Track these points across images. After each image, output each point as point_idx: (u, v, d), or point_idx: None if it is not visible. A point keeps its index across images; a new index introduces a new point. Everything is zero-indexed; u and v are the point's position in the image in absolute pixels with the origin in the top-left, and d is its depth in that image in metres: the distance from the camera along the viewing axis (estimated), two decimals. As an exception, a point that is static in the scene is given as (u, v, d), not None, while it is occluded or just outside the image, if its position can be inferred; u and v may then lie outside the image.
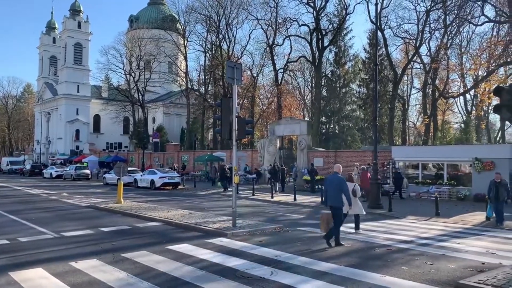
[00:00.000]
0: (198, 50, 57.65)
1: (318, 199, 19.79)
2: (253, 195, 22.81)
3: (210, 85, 53.36)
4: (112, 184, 30.52)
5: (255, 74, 49.77)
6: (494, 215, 13.92)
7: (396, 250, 9.64)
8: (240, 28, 71.24)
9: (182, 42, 54.52)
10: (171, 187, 28.91)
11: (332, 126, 53.62)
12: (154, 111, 67.36)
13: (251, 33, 70.89)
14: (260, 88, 55.22)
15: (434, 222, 14.20)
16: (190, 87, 53.48)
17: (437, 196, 16.68)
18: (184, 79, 54.63)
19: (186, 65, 53.83)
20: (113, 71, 60.66)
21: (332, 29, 44.65)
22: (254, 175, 31.48)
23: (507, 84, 8.67)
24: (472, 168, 20.63)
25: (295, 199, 20.38)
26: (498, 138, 49.43)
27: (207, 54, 51.97)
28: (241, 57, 48.94)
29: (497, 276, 7.09)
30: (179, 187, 29.33)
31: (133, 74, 56.45)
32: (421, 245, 10.25)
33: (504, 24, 31.84)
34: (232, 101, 12.31)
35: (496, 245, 10.38)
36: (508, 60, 28.77)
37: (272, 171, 26.34)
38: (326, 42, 43.90)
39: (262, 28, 46.19)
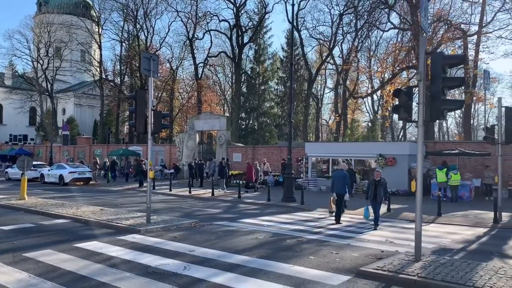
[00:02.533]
0: (114, 39, 55.25)
1: (235, 194, 20.07)
2: (170, 190, 22.47)
3: (126, 76, 51.32)
4: (16, 179, 28.19)
5: (174, 67, 48.87)
6: (370, 216, 12.86)
7: (306, 241, 10.15)
8: (159, 19, 69.46)
9: (97, 30, 51.72)
10: (81, 183, 27.41)
11: (251, 122, 54.49)
12: (64, 102, 63.15)
13: (170, 24, 69.10)
14: (180, 82, 54.32)
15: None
16: (104, 77, 50.95)
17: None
18: (98, 69, 51.85)
19: (101, 54, 51.24)
20: (18, 57, 55.80)
21: (252, 26, 45.28)
22: (172, 170, 30.98)
23: (405, 87, 9.50)
24: (377, 164, 22.26)
25: (213, 194, 20.46)
26: (400, 136, 53.77)
27: (124, 44, 49.92)
28: (159, 48, 47.73)
29: (393, 262, 7.79)
30: (91, 182, 27.93)
31: (41, 62, 52.36)
32: (329, 235, 10.90)
33: (407, 31, 34.66)
34: (148, 93, 12.01)
35: (394, 234, 11.36)
36: (410, 64, 31.36)
37: (190, 166, 26.19)
38: (246, 39, 44.44)
39: (182, 21, 45.42)
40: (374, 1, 34.78)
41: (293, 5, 21.07)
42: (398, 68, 32.94)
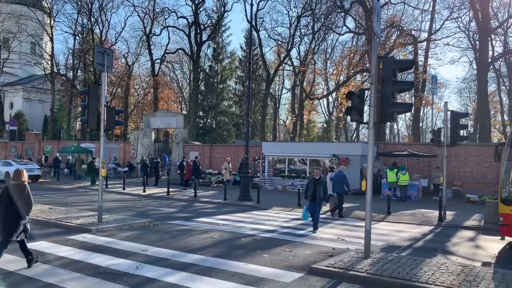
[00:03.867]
0: (67, 32, 53.34)
1: (192, 193, 19.91)
2: (124, 189, 21.94)
3: (79, 71, 49.58)
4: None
5: (130, 63, 47.74)
6: (309, 218, 11.78)
7: (260, 239, 10.26)
8: (115, 13, 67.35)
9: (48, 21, 49.51)
10: (30, 181, 26.14)
11: (209, 120, 54.16)
12: (12, 96, 60.01)
13: (127, 19, 67.87)
14: (136, 78, 53.14)
15: (296, 212, 15.36)
16: (56, 71, 48.92)
17: (300, 188, 18.09)
18: (49, 62, 49.71)
19: (52, 47, 49.11)
20: (-38, 47, 52.40)
21: (210, 24, 45.06)
22: (126, 168, 30.26)
23: (357, 89, 9.81)
24: (330, 164, 22.76)
25: (168, 193, 20.19)
26: (353, 137, 55.34)
27: (77, 37, 48.19)
28: (115, 43, 46.51)
29: (344, 259, 8.02)
30: (40, 180, 26.75)
31: (-14, 52, 49.53)
32: (283, 233, 11.07)
33: (362, 35, 35.71)
34: (101, 88, 11.68)
35: (346, 232, 11.70)
36: (364, 68, 32.33)
37: (144, 164, 25.71)
38: (204, 37, 44.19)
39: (139, 16, 44.49)
40: (331, 5, 35.60)
41: (251, 5, 21.18)
42: (352, 71, 33.86)
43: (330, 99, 52.43)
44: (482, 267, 7.70)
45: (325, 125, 52.72)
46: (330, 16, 37.07)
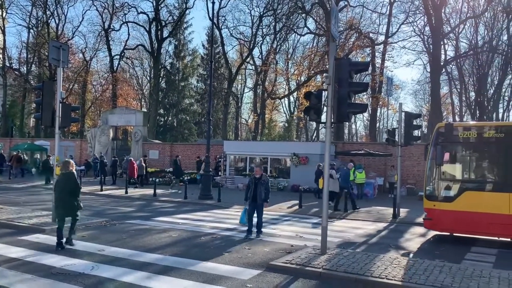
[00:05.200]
0: (20, 25, 50.86)
1: (151, 192, 19.62)
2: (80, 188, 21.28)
3: (33, 65, 47.58)
4: None
5: (88, 58, 46.35)
6: (247, 222, 10.54)
7: (220, 238, 10.30)
8: (73, 6, 64.81)
9: (0, 13, 47.21)
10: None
11: (170, 118, 53.49)
12: (-42, 90, 56.76)
13: (84, 13, 65.72)
14: (94, 74, 51.62)
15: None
16: (8, 65, 46.71)
17: (261, 187, 18.23)
18: (0, 56, 47.41)
19: (4, 40, 46.79)
20: None
21: (172, 21, 44.45)
22: (83, 167, 29.39)
23: (315, 90, 10.06)
24: (291, 162, 23.14)
25: (126, 192, 19.81)
26: (314, 137, 56.25)
27: (32, 30, 46.25)
28: (72, 37, 45.00)
29: (301, 256, 8.20)
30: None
31: None
32: (243, 231, 11.11)
33: (322, 37, 36.36)
34: (56, 84, 11.32)
35: (303, 229, 11.94)
36: (324, 69, 32.94)
37: (102, 163, 25.09)
38: (165, 34, 43.56)
39: (97, 10, 43.20)
40: (292, 6, 36.03)
41: (213, 2, 21.10)
42: (313, 72, 34.45)
43: (291, 98, 53.04)
44: (430, 261, 8.09)
45: (286, 124, 53.30)
46: (291, 17, 37.56)
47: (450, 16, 36.74)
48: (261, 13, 39.01)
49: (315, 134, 55.69)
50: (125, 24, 44.21)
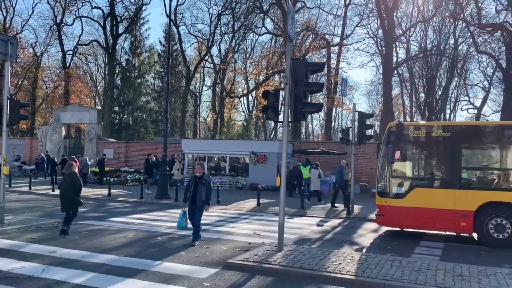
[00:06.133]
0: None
1: (106, 191, 19.11)
2: (30, 188, 20.44)
3: (-22, 60, 44.99)
4: None
5: (38, 53, 44.39)
6: (189, 225, 9.70)
7: (177, 237, 10.20)
8: (22, -2, 61.81)
9: None
10: None
11: (125, 116, 52.20)
12: None
13: (34, 6, 62.22)
14: (45, 70, 49.54)
15: (215, 209, 15.47)
16: (-51, 59, 43.94)
17: (219, 186, 18.26)
18: None
19: None
20: None
21: (128, 17, 43.39)
22: (33, 166, 28.14)
23: (273, 89, 10.17)
24: (249, 161, 23.26)
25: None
26: (272, 136, 56.80)
27: (-24, 23, 43.69)
28: (21, 31, 42.99)
29: (258, 253, 8.29)
30: None
31: None
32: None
33: (280, 37, 36.77)
34: (3, 80, 10.79)
35: (262, 227, 12.06)
36: (282, 69, 33.31)
37: (52, 162, 24.15)
38: (121, 29, 42.45)
39: (48, 3, 41.46)
40: (250, 5, 36.19)
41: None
42: (271, 71, 34.78)
43: (250, 97, 53.32)
44: (382, 255, 8.41)
45: (245, 123, 53.49)
46: (249, 16, 37.71)
47: (401, 20, 38.27)
48: (219, 12, 38.90)
49: (273, 133, 56.22)
50: (79, 18, 42.75)
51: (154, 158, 22.64)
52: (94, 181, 24.90)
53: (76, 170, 10.46)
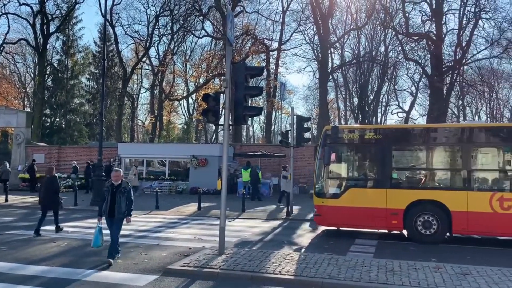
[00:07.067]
0: None
1: (37, 199, 17.98)
2: None
3: None
4: None
5: (-43, 51, 40.92)
6: (103, 244, 8.41)
7: (114, 245, 9.83)
8: None
9: None
10: None
11: (57, 119, 49.49)
12: None
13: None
14: (-34, 69, 45.80)
15: (154, 215, 15.17)
16: None
17: (158, 190, 17.90)
18: None
19: None
20: None
21: (60, 15, 41.28)
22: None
23: (213, 92, 10.16)
24: (190, 165, 23.02)
25: (6, 200, 17.96)
26: (213, 139, 56.61)
27: None
28: None
29: (199, 258, 8.22)
30: None
31: None
32: (139, 237, 10.83)
33: (220, 40, 36.80)
34: None
35: (202, 231, 11.97)
36: (222, 72, 33.40)
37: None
38: (52, 28, 40.28)
39: (-31, -2, 38.34)
40: (189, 8, 35.87)
41: (106, -1, 20.12)
42: (211, 74, 34.70)
43: (190, 100, 52.79)
44: (320, 254, 8.69)
45: (185, 126, 52.77)
46: (189, 19, 37.35)
47: (336, 27, 39.85)
48: (158, 13, 38.18)
49: (214, 136, 56.09)
50: (5, 15, 39.88)
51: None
52: (24, 188, 23.42)
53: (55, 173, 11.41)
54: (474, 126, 11.20)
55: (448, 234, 10.62)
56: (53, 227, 12.26)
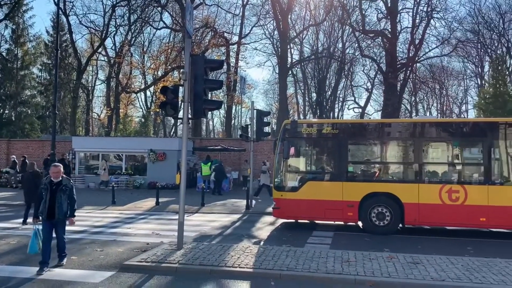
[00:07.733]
0: None
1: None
2: None
3: None
4: None
5: None
6: (40, 252, 7.27)
7: (68, 241, 9.49)
8: None
9: None
10: None
11: (7, 112, 47.05)
12: None
13: None
14: None
15: (110, 210, 14.81)
16: None
17: (115, 185, 17.47)
18: None
19: None
20: None
21: (8, 1, 39.15)
22: None
23: (172, 85, 9.99)
24: (148, 159, 22.60)
25: (-52, 197, 16.95)
26: (172, 133, 55.83)
27: None
28: None
29: (157, 253, 8.11)
30: None
31: None
32: (94, 233, 10.54)
33: (179, 32, 36.25)
34: None
35: (160, 226, 11.82)
36: (181, 64, 32.91)
37: None
38: (0, 16, 38.17)
39: None
40: (147, -2, 35.04)
41: (59, -14, 19.30)
42: (170, 67, 34.11)
43: (148, 93, 51.71)
44: (278, 247, 8.81)
45: (143, 119, 51.65)
46: (147, 10, 36.48)
47: (295, 23, 40.23)
48: (114, 3, 36.99)
49: (173, 130, 55.31)
50: None
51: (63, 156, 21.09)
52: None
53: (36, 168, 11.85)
54: (425, 122, 11.69)
55: (400, 225, 11.06)
56: (4, 224, 11.79)
